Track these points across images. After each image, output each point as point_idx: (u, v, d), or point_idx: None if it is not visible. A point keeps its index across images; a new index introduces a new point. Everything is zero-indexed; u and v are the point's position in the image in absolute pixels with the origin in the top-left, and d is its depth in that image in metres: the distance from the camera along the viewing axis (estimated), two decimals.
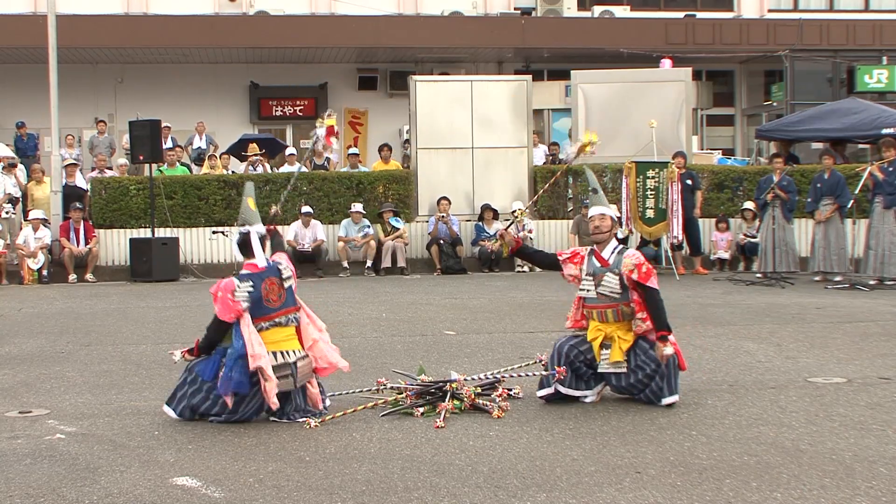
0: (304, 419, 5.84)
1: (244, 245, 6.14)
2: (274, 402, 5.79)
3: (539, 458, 5.03)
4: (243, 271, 6.07)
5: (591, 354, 6.26)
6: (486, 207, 16.57)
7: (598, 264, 6.34)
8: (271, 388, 5.76)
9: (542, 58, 23.64)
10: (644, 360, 6.21)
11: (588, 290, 6.32)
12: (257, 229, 6.18)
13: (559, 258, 6.59)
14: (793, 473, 4.71)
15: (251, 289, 5.89)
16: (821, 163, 14.60)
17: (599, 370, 6.28)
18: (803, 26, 22.97)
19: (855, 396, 6.39)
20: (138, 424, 5.92)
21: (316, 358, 6.08)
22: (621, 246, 6.45)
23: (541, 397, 6.28)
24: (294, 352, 5.96)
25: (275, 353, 5.87)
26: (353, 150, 18.96)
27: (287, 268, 6.10)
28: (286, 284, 6.02)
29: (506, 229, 6.80)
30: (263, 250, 6.17)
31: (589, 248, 6.52)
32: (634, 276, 6.17)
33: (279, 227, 7.49)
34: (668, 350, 6.09)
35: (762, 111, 25.12)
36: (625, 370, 6.21)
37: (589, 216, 6.58)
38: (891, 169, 13.22)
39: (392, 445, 5.35)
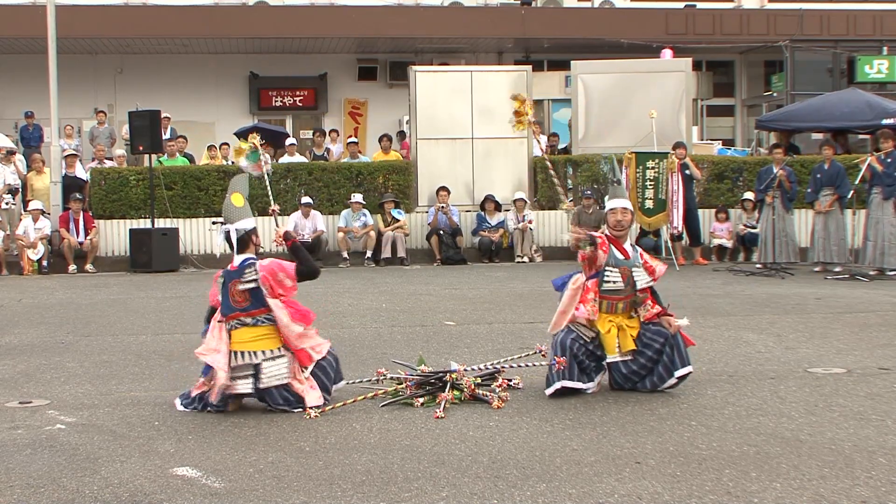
0: (303, 409, 5.84)
1: (228, 242, 6.25)
2: (215, 396, 5.86)
3: (539, 449, 5.04)
4: (229, 266, 6.16)
5: (592, 346, 6.24)
6: (488, 198, 16.59)
7: (620, 256, 6.30)
8: (216, 385, 5.82)
9: (542, 48, 23.61)
10: (651, 338, 6.24)
11: (615, 282, 6.24)
12: (239, 226, 6.18)
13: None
14: (792, 463, 4.72)
15: (221, 283, 6.08)
16: (821, 153, 14.58)
17: (609, 360, 6.27)
18: (804, 16, 22.94)
19: (854, 387, 6.39)
20: (138, 415, 5.93)
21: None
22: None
23: (550, 395, 6.19)
24: (262, 352, 5.93)
25: (238, 353, 5.91)
26: (353, 139, 18.90)
27: (252, 273, 5.97)
28: (244, 287, 5.95)
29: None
30: (243, 250, 6.16)
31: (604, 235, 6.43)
32: (653, 265, 6.34)
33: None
34: (683, 321, 6.22)
35: (762, 101, 25.10)
36: (631, 357, 6.25)
37: (610, 208, 6.45)
38: (889, 160, 13.22)
39: (392, 435, 5.36)
